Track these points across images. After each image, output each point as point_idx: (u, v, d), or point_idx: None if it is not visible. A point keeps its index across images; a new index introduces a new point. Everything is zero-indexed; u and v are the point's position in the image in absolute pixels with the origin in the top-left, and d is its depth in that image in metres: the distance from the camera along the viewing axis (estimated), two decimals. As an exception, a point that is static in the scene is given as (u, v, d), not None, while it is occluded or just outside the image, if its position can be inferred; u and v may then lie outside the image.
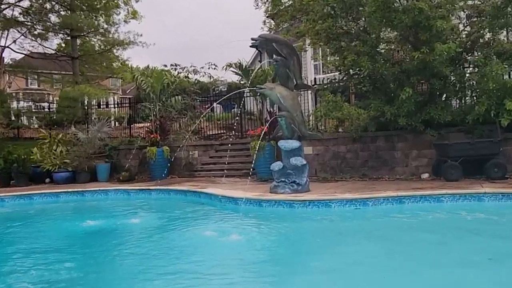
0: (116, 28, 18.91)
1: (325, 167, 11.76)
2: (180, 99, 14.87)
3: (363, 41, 10.38)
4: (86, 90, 15.12)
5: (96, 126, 14.80)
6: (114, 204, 10.48)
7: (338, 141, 11.67)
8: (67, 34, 18.99)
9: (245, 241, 6.01)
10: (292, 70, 9.11)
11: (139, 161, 14.61)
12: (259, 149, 11.69)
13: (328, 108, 11.83)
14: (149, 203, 10.24)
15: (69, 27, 17.80)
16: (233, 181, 11.90)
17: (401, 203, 7.74)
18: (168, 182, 12.45)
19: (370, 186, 9.26)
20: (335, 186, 9.68)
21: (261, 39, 8.74)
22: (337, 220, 7.20)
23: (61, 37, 19.93)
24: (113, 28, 18.78)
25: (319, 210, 7.69)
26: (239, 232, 6.30)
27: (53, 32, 18.79)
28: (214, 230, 6.60)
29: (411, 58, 9.73)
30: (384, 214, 7.34)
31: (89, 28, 18.40)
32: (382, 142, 11.07)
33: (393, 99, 10.44)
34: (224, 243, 5.92)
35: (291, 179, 8.76)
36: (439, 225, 6.55)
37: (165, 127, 14.01)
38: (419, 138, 10.59)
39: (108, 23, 18.60)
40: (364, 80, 11.10)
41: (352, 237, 6.12)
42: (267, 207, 8.10)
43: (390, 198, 7.77)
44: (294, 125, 8.79)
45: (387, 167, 10.95)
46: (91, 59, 19.19)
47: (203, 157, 14.19)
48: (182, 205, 9.68)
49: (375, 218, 7.18)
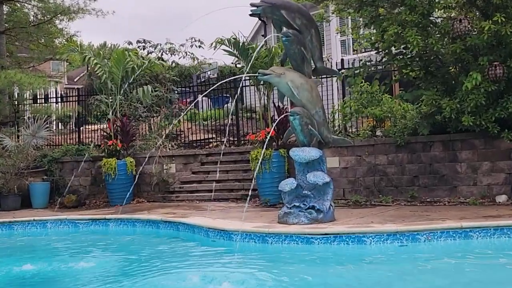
0: (60, -12, 18.99)
1: (357, 186, 11.76)
2: (150, 90, 14.90)
3: (411, 7, 10.40)
4: (17, 77, 15.09)
5: (30, 129, 14.81)
6: (55, 241, 10.47)
7: (376, 149, 11.67)
8: (-11, -2, 19.10)
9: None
10: (309, 48, 9.13)
11: (92, 179, 14.66)
12: (263, 160, 11.70)
13: (361, 102, 11.90)
14: (106, 239, 10.22)
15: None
16: (225, 206, 11.91)
17: (467, 238, 7.71)
18: (133, 208, 12.47)
19: (422, 213, 9.27)
20: (372, 213, 9.67)
21: (265, 5, 8.74)
22: (375, 263, 7.13)
23: (-20, 3, 20.05)
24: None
25: (348, 248, 7.66)
26: (233, 282, 6.25)
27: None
28: (198, 279, 6.54)
29: (480, 30, 9.74)
30: (442, 253, 7.29)
31: (21, -11, 18.51)
32: (439, 150, 11.06)
33: (454, 88, 10.44)
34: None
35: (308, 203, 8.75)
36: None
37: (128, 130, 14.05)
38: (492, 145, 10.59)
39: (47, -18, 18.68)
40: (412, 62, 11.12)
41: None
42: (274, 243, 8.08)
43: (451, 230, 7.74)
44: (313, 127, 8.78)
45: (447, 186, 10.94)
46: (24, 34, 19.16)
47: (183, 172, 14.21)
48: (152, 242, 9.69)
49: (429, 259, 7.12)
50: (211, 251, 8.33)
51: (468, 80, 9.57)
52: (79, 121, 18.16)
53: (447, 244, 7.63)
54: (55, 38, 20.77)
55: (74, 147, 15.51)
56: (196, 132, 16.79)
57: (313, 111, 8.93)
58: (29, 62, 20.62)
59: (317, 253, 7.69)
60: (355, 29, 13.06)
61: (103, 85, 14.34)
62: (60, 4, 18.73)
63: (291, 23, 8.85)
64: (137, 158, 13.82)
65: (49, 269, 7.68)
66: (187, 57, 18.29)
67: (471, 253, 7.25)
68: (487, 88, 9.75)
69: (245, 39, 12.89)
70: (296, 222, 8.61)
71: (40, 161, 14.66)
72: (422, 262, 7.10)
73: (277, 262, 7.32)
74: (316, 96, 9.14)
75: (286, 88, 8.77)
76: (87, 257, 8.40)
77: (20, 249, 9.75)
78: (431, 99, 10.38)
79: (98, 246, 9.52)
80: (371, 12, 11.23)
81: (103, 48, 42.91)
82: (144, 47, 17.72)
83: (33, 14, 19.89)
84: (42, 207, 13.75)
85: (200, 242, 8.89)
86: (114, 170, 13.28)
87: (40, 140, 14.99)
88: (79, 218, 11.37)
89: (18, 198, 13.73)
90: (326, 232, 7.91)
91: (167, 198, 13.79)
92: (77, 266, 7.80)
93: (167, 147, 15.08)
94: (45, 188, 14.06)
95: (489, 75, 9.74)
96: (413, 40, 10.03)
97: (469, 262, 6.97)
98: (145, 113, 16.18)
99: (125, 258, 8.38)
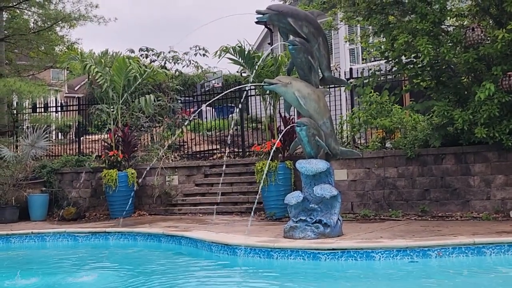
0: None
1: (366, 199, 11.75)
2: (153, 99, 14.95)
3: (422, 15, 10.43)
4: (16, 85, 15.18)
5: (29, 138, 14.88)
6: (54, 255, 10.48)
7: (385, 161, 11.68)
8: (-12, 5, 19.25)
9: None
10: (317, 57, 9.16)
11: (92, 191, 14.70)
12: (268, 172, 11.72)
13: (370, 113, 11.92)
14: (106, 253, 10.22)
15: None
16: (230, 219, 11.93)
17: (480, 255, 7.67)
18: (135, 221, 12.49)
19: (433, 229, 9.25)
20: (381, 227, 9.67)
21: (271, 12, 8.79)
22: (384, 279, 7.13)
23: (-20, 9, 20.21)
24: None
25: (356, 263, 7.63)
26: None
27: (-31, 2, 19.02)
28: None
29: (493, 39, 9.75)
30: (454, 270, 7.26)
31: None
32: (451, 163, 11.06)
33: (467, 99, 10.44)
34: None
35: (315, 217, 8.75)
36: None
37: (130, 140, 14.09)
38: (506, 158, 10.58)
39: (48, -11, 18.80)
40: (423, 72, 11.14)
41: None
42: (279, 259, 8.07)
43: (463, 246, 7.71)
44: (320, 138, 8.79)
45: (459, 200, 10.92)
46: (24, 41, 19.25)
47: (186, 184, 14.24)
48: (154, 257, 9.71)
49: (440, 275, 7.11)
50: (214, 266, 8.33)
51: (481, 90, 9.57)
52: (79, 131, 18.24)
53: (459, 260, 7.60)
54: (55, 45, 20.85)
55: (74, 158, 15.56)
56: (199, 143, 16.83)
57: (320, 121, 8.95)
58: (28, 70, 20.71)
59: (324, 269, 7.68)
60: (364, 38, 13.09)
61: (104, 94, 14.40)
62: (61, 10, 18.82)
63: (298, 31, 8.89)
64: (139, 170, 13.85)
65: (47, 283, 7.68)
66: (190, 66, 18.34)
67: (483, 270, 7.23)
68: (500, 98, 9.74)
69: (250, 48, 12.94)
70: (302, 237, 8.60)
71: (39, 172, 14.71)
72: (432, 278, 7.09)
73: (282, 278, 7.32)
74: (323, 107, 9.15)
75: (293, 98, 8.79)
76: (86, 272, 8.41)
77: (18, 263, 9.75)
78: (443, 110, 10.38)
79: (98, 261, 9.52)
80: (380, 20, 11.28)
81: (105, 56, 43.02)
82: (146, 55, 17.80)
83: (33, 21, 19.99)
84: (40, 220, 13.79)
85: (203, 256, 8.90)
86: (115, 182, 13.31)
87: (39, 150, 15.05)
88: (79, 231, 11.38)
89: (16, 210, 13.78)
90: (334, 247, 7.89)
91: (169, 211, 13.81)
92: (76, 280, 7.82)
93: (169, 158, 15.12)
94: (44, 200, 14.10)
95: (503, 85, 9.73)
96: (424, 49, 10.05)
97: (481, 278, 6.95)
98: (147, 123, 16.23)
99: (126, 273, 8.37)
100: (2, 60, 18.28)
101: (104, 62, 15.71)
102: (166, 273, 8.22)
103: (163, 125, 16.62)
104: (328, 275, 7.44)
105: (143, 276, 8.04)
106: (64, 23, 19.24)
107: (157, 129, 16.75)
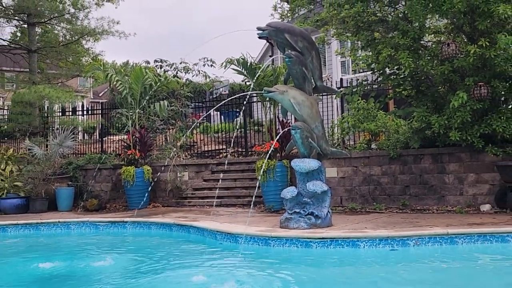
0: (86, 13, 19.10)
1: (354, 194, 11.73)
2: (166, 104, 14.96)
3: (403, 32, 10.43)
4: (46, 92, 15.22)
5: (58, 138, 14.90)
6: (77, 241, 10.53)
7: (371, 160, 11.65)
8: (23, 20, 19.28)
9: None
10: (310, 68, 9.17)
11: (112, 185, 14.71)
12: (268, 170, 11.72)
13: (358, 118, 11.91)
14: (123, 240, 10.26)
15: (25, 12, 18.05)
16: (233, 211, 11.92)
17: (452, 244, 7.68)
18: (149, 212, 12.50)
19: (412, 220, 9.23)
20: (366, 219, 9.64)
21: (270, 29, 8.80)
22: (368, 265, 7.12)
23: (15, 24, 20.22)
24: (82, 14, 18.93)
25: (343, 251, 7.64)
26: (237, 281, 6.23)
27: (5, 17, 19.06)
28: (203, 277, 6.53)
29: (466, 53, 9.74)
30: (429, 257, 7.25)
31: (52, 12, 18.58)
32: (429, 162, 11.03)
33: (443, 106, 10.43)
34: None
35: (307, 210, 8.75)
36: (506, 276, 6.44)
37: (146, 141, 14.10)
38: (477, 158, 10.56)
39: (75, 6, 18.81)
40: (404, 82, 11.16)
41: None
42: (275, 246, 8.08)
43: (437, 236, 7.71)
44: (312, 140, 8.79)
45: (435, 195, 10.90)
46: (54, 53, 19.32)
47: (195, 180, 14.23)
48: (166, 244, 9.70)
49: (417, 262, 7.11)
50: (218, 252, 8.34)
51: (455, 98, 9.55)
52: (102, 132, 18.26)
53: (434, 248, 7.60)
54: (81, 56, 20.95)
55: (96, 156, 15.56)
56: (208, 143, 16.83)
57: (313, 125, 8.94)
58: (57, 78, 20.76)
59: (315, 255, 7.67)
60: (352, 51, 13.08)
61: (124, 99, 14.41)
62: (86, 26, 18.89)
63: (294, 45, 8.89)
64: (154, 167, 13.87)
65: (67, 266, 7.70)
66: (199, 75, 18.31)
67: (455, 257, 7.23)
68: (472, 106, 9.72)
69: (252, 60, 12.93)
70: (296, 227, 8.60)
71: (65, 168, 14.73)
72: (410, 264, 7.08)
73: (277, 263, 7.30)
74: (316, 112, 9.14)
75: (289, 104, 8.78)
76: (104, 256, 8.42)
77: (46, 248, 9.79)
78: (422, 115, 10.36)
79: (115, 247, 9.54)
80: (367, 36, 11.27)
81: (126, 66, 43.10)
82: (161, 66, 17.78)
83: (62, 35, 20.08)
84: (66, 210, 13.81)
85: (208, 244, 8.89)
86: (132, 177, 13.32)
87: (66, 149, 15.07)
88: (100, 220, 11.41)
89: (45, 202, 13.80)
90: (323, 236, 7.89)
91: (180, 203, 13.81)
92: (93, 264, 7.84)
93: (181, 157, 15.11)
94: (70, 193, 14.11)
95: (474, 94, 9.71)
96: (405, 61, 10.04)
97: (452, 265, 6.94)
98: (162, 126, 16.24)
99: (141, 257, 8.39)
100: (35, 69, 18.34)
101: (124, 71, 15.71)
102: (175, 258, 8.22)
103: (176, 127, 16.61)
104: (318, 261, 7.43)
105: (155, 260, 8.07)
106: (89, 37, 19.32)
107: (171, 131, 16.74)
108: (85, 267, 7.73)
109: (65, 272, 7.45)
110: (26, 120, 16.92)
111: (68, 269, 7.60)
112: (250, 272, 6.79)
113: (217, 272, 6.93)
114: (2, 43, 19.87)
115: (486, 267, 6.79)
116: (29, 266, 7.81)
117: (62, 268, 7.61)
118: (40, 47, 18.90)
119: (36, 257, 8.28)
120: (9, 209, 13.57)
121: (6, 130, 18.47)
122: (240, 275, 6.59)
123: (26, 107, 17.07)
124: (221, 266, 7.35)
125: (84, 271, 7.53)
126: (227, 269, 7.02)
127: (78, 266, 7.76)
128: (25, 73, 19.87)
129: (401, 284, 6.20)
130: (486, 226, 8.10)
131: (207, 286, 6.15)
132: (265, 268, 7.00)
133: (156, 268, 7.46)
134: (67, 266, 7.72)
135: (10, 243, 10.57)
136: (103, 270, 7.48)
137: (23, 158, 15.21)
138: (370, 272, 6.82)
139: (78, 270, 7.57)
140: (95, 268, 7.60)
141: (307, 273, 6.83)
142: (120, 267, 7.71)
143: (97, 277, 7.07)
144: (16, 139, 17.02)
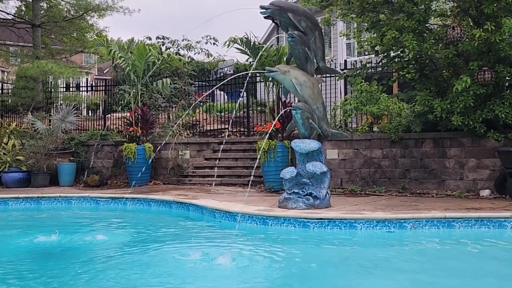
0: (91, -12, 19.05)
1: (354, 176, 11.75)
2: (169, 82, 14.92)
3: (408, 14, 10.34)
4: (49, 67, 15.20)
5: (60, 114, 14.92)
6: (77, 216, 10.62)
7: (372, 143, 11.64)
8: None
9: (238, 273, 5.99)
10: (313, 49, 9.12)
11: (114, 161, 14.77)
12: (268, 150, 11.72)
13: (361, 100, 11.89)
14: (123, 215, 10.29)
15: (30, -14, 18.02)
16: (233, 190, 11.96)
17: (450, 227, 7.73)
18: (150, 189, 12.56)
19: (410, 204, 9.25)
20: (365, 201, 9.67)
21: (273, 8, 8.71)
22: (364, 246, 7.17)
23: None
24: (87, -12, 18.91)
25: (340, 231, 7.69)
26: (234, 259, 6.29)
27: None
28: (200, 253, 6.59)
29: (471, 37, 9.68)
30: (426, 240, 7.29)
31: (56, -13, 18.60)
32: (430, 146, 11.01)
33: (446, 90, 10.39)
34: (212, 274, 5.90)
35: (306, 190, 8.78)
36: (500, 259, 6.47)
37: (148, 118, 14.11)
38: (478, 143, 10.53)
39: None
40: (408, 65, 11.08)
41: (382, 270, 6.06)
42: (273, 225, 8.14)
43: (435, 220, 7.74)
44: (313, 121, 8.78)
45: (435, 179, 10.90)
46: (58, 28, 19.23)
47: (197, 158, 14.27)
48: (165, 220, 9.78)
49: (413, 245, 7.14)
50: (216, 230, 8.39)
51: (459, 83, 9.50)
52: (105, 109, 18.25)
53: (431, 232, 7.64)
54: (86, 32, 20.88)
55: (99, 132, 15.57)
56: (211, 122, 16.83)
57: (314, 106, 8.92)
58: (61, 54, 20.74)
59: (312, 235, 7.73)
60: (357, 33, 12.98)
61: (127, 76, 14.38)
62: (90, 1, 18.79)
63: (297, 25, 8.81)
64: (155, 144, 13.86)
65: (63, 240, 7.77)
66: (202, 53, 18.22)
67: (452, 241, 7.27)
68: (476, 91, 9.67)
69: (256, 39, 12.86)
70: (294, 207, 8.64)
71: (68, 144, 14.77)
72: (406, 247, 7.12)
73: (274, 242, 7.34)
74: (317, 93, 9.11)
75: (290, 84, 8.75)
76: (103, 231, 8.51)
77: (47, 222, 9.86)
78: (424, 99, 10.32)
79: (114, 222, 9.60)
80: (372, 18, 11.17)
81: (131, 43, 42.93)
82: (163, 42, 17.70)
83: (66, 10, 19.99)
84: (68, 185, 13.87)
85: (207, 222, 8.94)
86: (134, 154, 13.35)
87: (69, 124, 15.07)
88: (101, 196, 11.48)
89: (47, 176, 13.87)
90: (321, 217, 7.93)
91: (181, 181, 13.85)
92: (90, 239, 7.91)
93: (183, 135, 15.12)
94: (72, 168, 14.17)
95: (478, 79, 9.66)
96: (409, 44, 9.97)
97: (449, 248, 6.97)
98: (164, 104, 16.21)
99: (139, 233, 8.49)
100: (38, 44, 18.27)
101: (127, 48, 15.67)
102: (174, 234, 8.30)
103: (178, 105, 16.58)
104: (315, 241, 7.48)
105: (154, 236, 8.14)
106: (93, 13, 19.22)
107: (173, 109, 16.72)
108: (84, 240, 7.80)
109: (64, 245, 7.53)
110: (29, 94, 16.92)
111: (67, 242, 7.68)
112: (246, 249, 6.84)
113: (215, 249, 6.98)
114: (7, 17, 19.80)
115: (481, 252, 6.81)
116: (28, 238, 7.89)
117: (60, 241, 7.68)
118: (44, 22, 18.81)
119: (35, 231, 8.34)
120: (11, 183, 13.65)
121: (10, 104, 18.48)
122: (236, 252, 6.64)
123: (29, 82, 17.05)
124: (218, 243, 7.40)
125: (83, 244, 7.61)
126: (224, 246, 7.07)
127: (72, 240, 7.82)
128: (29, 48, 19.85)
129: (397, 265, 6.24)
130: (484, 211, 8.12)
131: (204, 261, 6.23)
132: (261, 246, 7.04)
133: (154, 243, 7.54)
134: (66, 239, 7.79)
135: (11, 216, 10.66)
136: (101, 244, 7.57)
137: (26, 133, 15.24)
138: (366, 253, 6.86)
139: (77, 243, 7.65)
140: (93, 242, 7.67)
141: (303, 252, 6.87)
142: (119, 241, 7.80)
143: (95, 250, 7.15)
144: (19, 113, 17.01)
